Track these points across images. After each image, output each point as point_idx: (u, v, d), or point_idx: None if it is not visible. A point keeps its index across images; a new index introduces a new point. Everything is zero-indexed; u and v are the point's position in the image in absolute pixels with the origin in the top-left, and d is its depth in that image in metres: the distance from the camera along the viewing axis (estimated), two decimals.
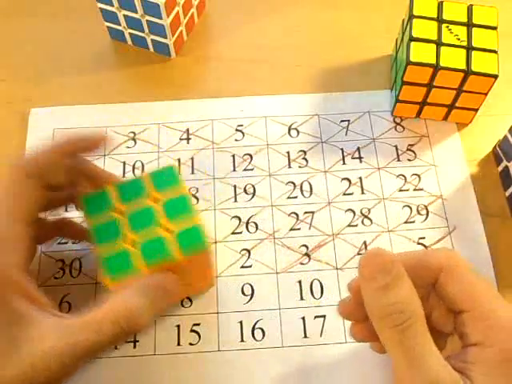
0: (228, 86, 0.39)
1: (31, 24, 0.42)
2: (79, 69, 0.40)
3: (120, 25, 0.39)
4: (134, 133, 0.37)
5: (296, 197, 0.35)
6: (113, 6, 0.37)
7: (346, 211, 0.34)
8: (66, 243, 0.33)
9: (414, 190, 0.35)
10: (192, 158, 0.36)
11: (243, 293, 0.32)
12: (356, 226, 0.34)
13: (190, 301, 0.31)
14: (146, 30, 0.38)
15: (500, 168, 0.35)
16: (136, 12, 0.37)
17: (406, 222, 0.34)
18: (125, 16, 0.38)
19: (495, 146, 0.36)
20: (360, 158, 0.36)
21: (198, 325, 0.31)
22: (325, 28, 0.42)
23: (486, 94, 0.34)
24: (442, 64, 0.33)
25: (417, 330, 0.22)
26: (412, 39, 0.33)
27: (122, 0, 0.37)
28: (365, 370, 0.30)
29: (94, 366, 0.30)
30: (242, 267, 0.32)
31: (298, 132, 0.37)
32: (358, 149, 0.36)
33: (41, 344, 0.22)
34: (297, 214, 0.34)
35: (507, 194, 0.34)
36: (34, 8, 0.43)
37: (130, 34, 0.40)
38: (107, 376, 0.29)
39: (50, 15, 0.42)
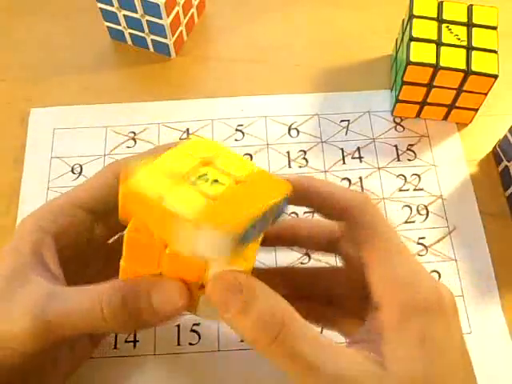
0: (228, 85, 0.39)
1: (31, 24, 0.42)
2: (79, 69, 0.40)
3: (120, 25, 0.39)
4: (134, 133, 0.37)
5: None
6: (113, 5, 0.37)
7: None
8: None
9: (414, 189, 0.35)
10: None
11: None
12: None
13: None
14: (146, 30, 0.38)
15: (500, 168, 0.35)
16: (136, 12, 0.37)
17: (405, 222, 0.34)
18: (125, 16, 0.38)
19: (495, 146, 0.36)
20: (360, 157, 0.36)
21: (198, 325, 0.31)
22: (325, 28, 0.42)
23: (486, 94, 0.34)
24: (442, 64, 0.33)
25: (294, 332, 0.19)
26: (412, 39, 0.33)
27: (121, 0, 0.37)
28: None
29: (94, 365, 0.30)
30: None
31: (298, 132, 0.37)
32: (358, 149, 0.36)
33: (26, 303, 0.21)
34: (297, 214, 0.34)
35: (507, 193, 0.34)
36: (33, 8, 0.43)
37: (130, 33, 0.40)
38: (107, 376, 0.29)
39: (50, 15, 0.42)
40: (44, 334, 0.21)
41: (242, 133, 0.37)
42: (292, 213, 0.34)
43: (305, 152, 0.36)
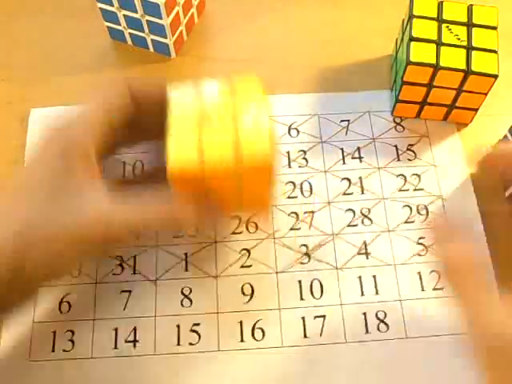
0: None
1: (31, 24, 0.42)
2: (79, 69, 0.40)
3: (120, 25, 0.39)
4: None
5: (296, 196, 0.34)
6: (113, 5, 0.37)
7: (346, 211, 0.34)
8: None
9: (414, 189, 0.35)
10: None
11: (243, 292, 0.32)
12: (356, 225, 0.34)
13: (190, 301, 0.31)
14: (146, 30, 0.38)
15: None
16: (136, 12, 0.37)
17: (405, 222, 0.34)
18: (125, 16, 0.38)
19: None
20: (360, 157, 0.36)
21: (198, 325, 0.31)
22: (325, 28, 0.42)
23: (486, 94, 0.34)
24: (442, 64, 0.32)
25: None
26: (412, 39, 0.33)
27: (121, 0, 0.37)
28: (364, 370, 0.30)
29: (94, 365, 0.30)
30: (242, 267, 0.32)
31: (298, 132, 0.37)
32: (358, 148, 0.36)
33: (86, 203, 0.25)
34: (297, 214, 0.34)
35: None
36: (34, 8, 0.43)
37: (130, 33, 0.40)
38: (107, 376, 0.30)
39: (50, 15, 0.42)
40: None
41: None
42: (292, 212, 0.34)
43: (305, 152, 0.36)
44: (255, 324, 0.31)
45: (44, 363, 0.30)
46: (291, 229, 0.33)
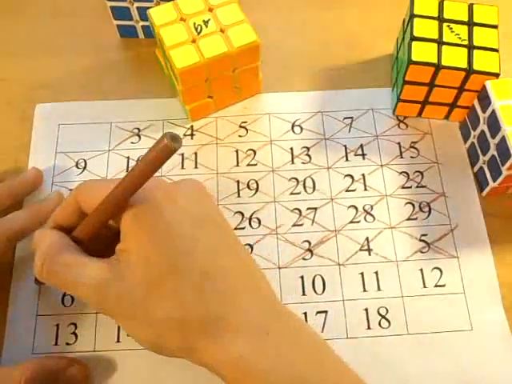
0: None
1: (32, 23, 0.42)
2: (83, 66, 0.40)
3: (132, 19, 0.39)
4: (138, 129, 0.37)
5: (299, 193, 0.35)
6: (125, 1, 0.37)
7: (349, 207, 0.34)
8: None
9: (417, 187, 0.35)
10: (196, 153, 0.36)
11: None
12: (358, 222, 0.34)
13: None
14: None
15: (467, 145, 0.36)
16: (152, 1, 0.37)
17: (408, 219, 0.34)
18: (138, 8, 0.38)
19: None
20: (363, 154, 0.36)
21: None
22: (326, 27, 0.42)
23: None
24: (443, 63, 0.33)
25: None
26: (413, 38, 0.34)
27: None
28: (366, 365, 0.29)
29: (97, 358, 0.30)
30: None
31: (302, 129, 0.37)
32: (361, 146, 0.36)
33: None
34: (299, 210, 0.34)
35: (475, 169, 0.35)
36: (35, 6, 0.43)
37: (143, 26, 0.40)
38: (110, 369, 0.29)
39: (52, 13, 0.42)
40: None
41: (246, 129, 0.37)
42: (295, 208, 0.34)
43: (308, 148, 0.36)
44: None
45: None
46: (294, 225, 0.33)
